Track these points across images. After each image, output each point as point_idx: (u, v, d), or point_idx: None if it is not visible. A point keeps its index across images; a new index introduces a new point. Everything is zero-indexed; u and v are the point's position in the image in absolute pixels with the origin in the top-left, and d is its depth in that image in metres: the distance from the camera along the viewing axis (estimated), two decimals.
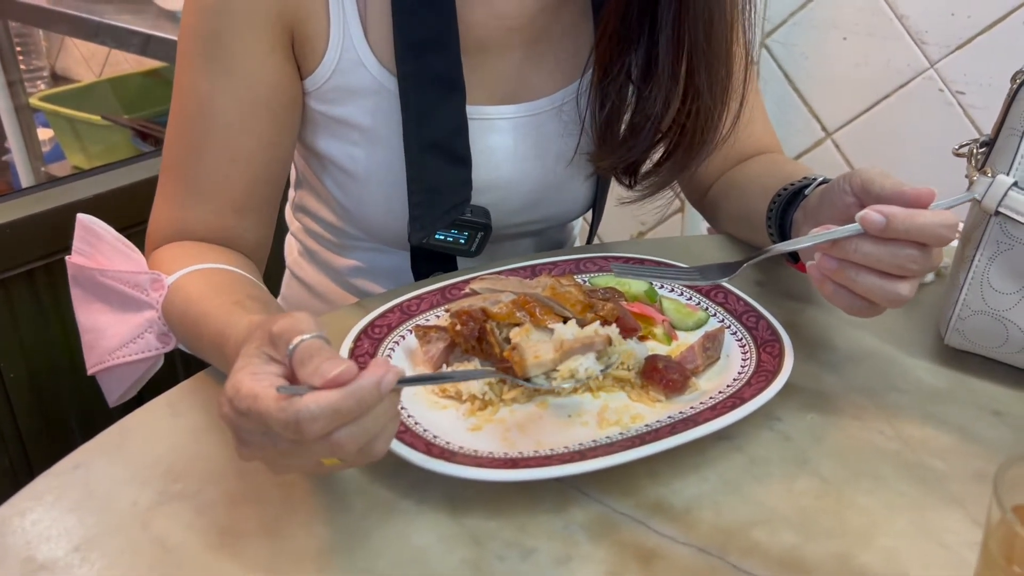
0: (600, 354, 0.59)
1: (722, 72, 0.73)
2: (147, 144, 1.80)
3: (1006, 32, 1.32)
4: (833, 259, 0.58)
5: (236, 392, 0.46)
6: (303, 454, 0.46)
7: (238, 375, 0.46)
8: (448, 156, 0.75)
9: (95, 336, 0.69)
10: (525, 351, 0.58)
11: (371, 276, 0.88)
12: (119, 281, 0.67)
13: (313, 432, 0.44)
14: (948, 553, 0.51)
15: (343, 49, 0.72)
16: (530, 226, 0.86)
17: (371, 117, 0.75)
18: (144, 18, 1.57)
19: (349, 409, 0.44)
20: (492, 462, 0.54)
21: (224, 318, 0.59)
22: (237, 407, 0.45)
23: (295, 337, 0.46)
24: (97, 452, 0.59)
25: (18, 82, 1.93)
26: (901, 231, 0.55)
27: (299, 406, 0.43)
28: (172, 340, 0.67)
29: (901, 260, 0.56)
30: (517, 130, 0.80)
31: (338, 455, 0.46)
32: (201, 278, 0.66)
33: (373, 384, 0.44)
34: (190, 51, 0.70)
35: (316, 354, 0.45)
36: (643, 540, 0.52)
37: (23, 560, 0.50)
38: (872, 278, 0.57)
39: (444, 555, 0.51)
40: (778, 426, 0.61)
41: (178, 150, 0.72)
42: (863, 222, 0.55)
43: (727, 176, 0.87)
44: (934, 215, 0.55)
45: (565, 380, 0.58)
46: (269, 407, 0.44)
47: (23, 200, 1.03)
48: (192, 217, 0.72)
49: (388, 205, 0.78)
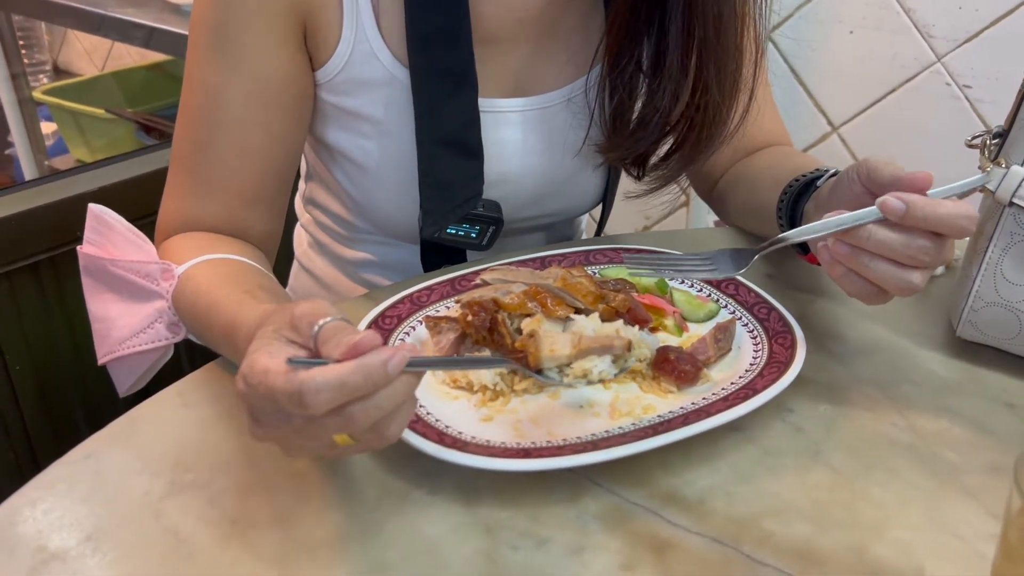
0: (617, 357, 0.58)
1: (731, 66, 0.72)
2: (151, 138, 1.79)
3: (1013, 26, 1.32)
4: (846, 244, 0.57)
5: (251, 368, 0.45)
6: (315, 432, 0.46)
7: (254, 354, 0.46)
8: (460, 149, 0.75)
9: (106, 326, 0.68)
10: (542, 342, 0.57)
11: (380, 269, 0.88)
12: (129, 271, 0.67)
13: (318, 404, 0.43)
14: (963, 545, 0.51)
15: (356, 41, 0.72)
16: (540, 220, 0.86)
17: (383, 109, 0.74)
18: (148, 11, 1.56)
19: (356, 384, 0.44)
20: (504, 452, 0.54)
21: (235, 308, 0.58)
22: (250, 383, 0.45)
23: (320, 319, 0.47)
24: (108, 442, 0.59)
25: (21, 75, 1.93)
26: (920, 219, 0.54)
27: (304, 376, 0.43)
28: (182, 330, 0.67)
29: (915, 250, 0.55)
30: (528, 123, 0.79)
31: (350, 430, 0.45)
32: (211, 268, 0.65)
33: (380, 362, 0.44)
34: (200, 42, 0.69)
35: (341, 331, 0.46)
36: (656, 530, 0.52)
37: (35, 550, 0.50)
38: (885, 265, 0.56)
39: (457, 545, 0.51)
40: (790, 417, 0.61)
41: (188, 142, 0.72)
42: (883, 208, 0.55)
43: (736, 168, 0.87)
44: (955, 205, 0.55)
45: (577, 378, 0.58)
46: (277, 379, 0.44)
47: (26, 193, 1.03)
48: (202, 208, 0.72)
49: (399, 199, 0.78)
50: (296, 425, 0.46)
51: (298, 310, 0.48)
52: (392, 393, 0.45)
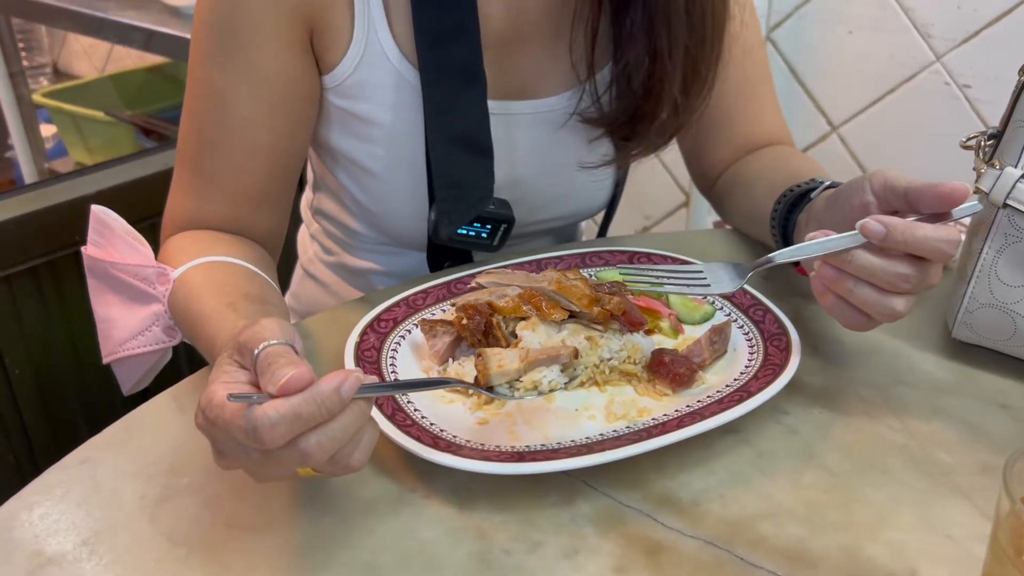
0: (565, 366, 0.58)
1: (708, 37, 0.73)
2: (150, 140, 1.80)
3: (1013, 25, 1.31)
4: (832, 268, 0.57)
5: (208, 402, 0.45)
6: (274, 464, 0.46)
7: (212, 385, 0.46)
8: (471, 148, 0.75)
9: (108, 326, 0.69)
10: (490, 360, 0.58)
11: (386, 277, 0.88)
12: (128, 274, 0.68)
13: (273, 439, 0.43)
14: (955, 546, 0.51)
15: (367, 42, 0.72)
16: (548, 224, 0.86)
17: (392, 112, 0.74)
18: (147, 14, 1.56)
19: (311, 414, 0.43)
20: (499, 455, 0.54)
21: (216, 322, 0.59)
22: (208, 417, 0.45)
23: (259, 344, 0.46)
24: (104, 447, 0.59)
25: (20, 78, 1.93)
26: (900, 242, 0.54)
27: (257, 413, 0.43)
28: (178, 334, 0.67)
29: (894, 276, 0.55)
30: (537, 125, 0.79)
31: (308, 464, 0.45)
32: (203, 274, 0.65)
33: (333, 388, 0.43)
34: (204, 44, 0.69)
35: (275, 361, 0.45)
36: (650, 533, 0.52)
37: (31, 554, 0.51)
38: (868, 291, 0.56)
39: (451, 548, 0.51)
40: (785, 420, 0.61)
41: (193, 142, 0.72)
42: (863, 230, 0.55)
43: (735, 168, 0.87)
44: (935, 229, 0.54)
45: (528, 391, 0.58)
46: (232, 415, 0.44)
47: (26, 196, 1.03)
48: (206, 207, 0.72)
49: (410, 204, 0.78)
50: (255, 458, 0.46)
51: (243, 335, 0.47)
52: (345, 423, 0.45)
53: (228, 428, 0.44)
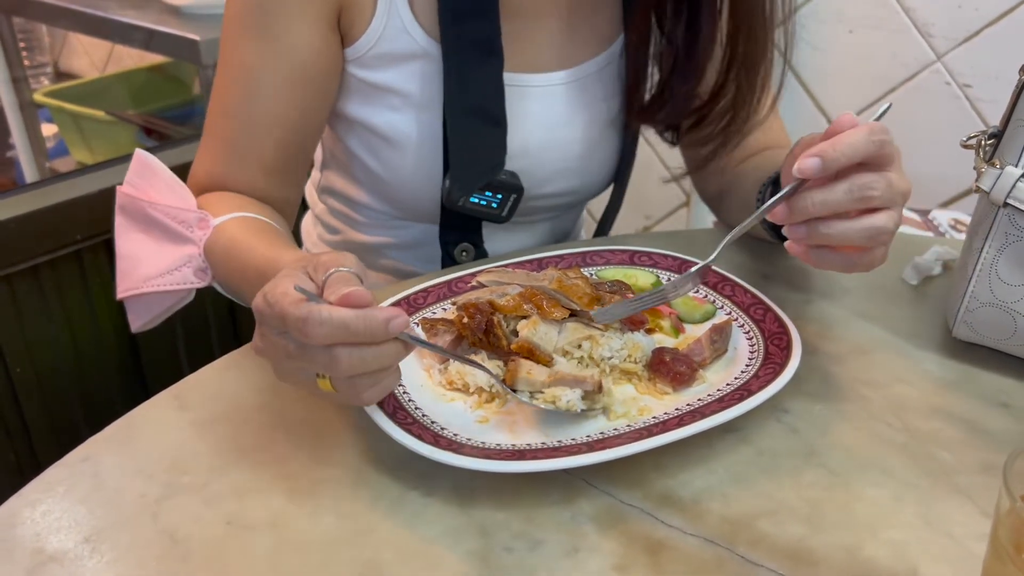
0: (587, 395, 0.59)
1: (763, 36, 0.76)
2: (152, 140, 1.80)
3: (1013, 24, 1.32)
4: (799, 225, 0.57)
5: (273, 288, 0.50)
6: (306, 359, 0.50)
7: (280, 278, 0.51)
8: (486, 118, 0.77)
9: (132, 263, 0.72)
10: (521, 365, 0.59)
11: (397, 251, 0.90)
12: (167, 215, 0.70)
13: (317, 336, 0.47)
14: (956, 545, 0.51)
15: (389, 16, 0.75)
16: (556, 199, 0.88)
17: (413, 82, 0.77)
18: (148, 13, 1.56)
19: (356, 330, 0.47)
20: (500, 454, 0.54)
21: (273, 251, 0.63)
22: (268, 300, 0.50)
23: (336, 266, 0.52)
24: (105, 444, 0.59)
25: (22, 78, 1.93)
26: (840, 158, 0.54)
27: (313, 307, 0.47)
28: (208, 276, 0.70)
29: (859, 189, 0.55)
30: (551, 97, 0.82)
31: (333, 372, 0.49)
32: (244, 224, 0.69)
33: (384, 319, 0.48)
34: (236, 18, 0.73)
35: (342, 281, 0.50)
36: (651, 531, 0.52)
37: (33, 551, 0.51)
38: (842, 224, 0.56)
39: (451, 546, 0.51)
40: (786, 418, 0.61)
41: (219, 112, 0.75)
42: (801, 172, 0.54)
43: (732, 172, 0.87)
44: (857, 130, 0.54)
45: (547, 403, 0.58)
46: (289, 303, 0.48)
47: (27, 196, 1.03)
48: (230, 174, 0.75)
49: (425, 171, 0.80)
50: (290, 350, 0.50)
51: (325, 256, 0.53)
52: (379, 353, 0.49)
53: (283, 313, 0.48)
